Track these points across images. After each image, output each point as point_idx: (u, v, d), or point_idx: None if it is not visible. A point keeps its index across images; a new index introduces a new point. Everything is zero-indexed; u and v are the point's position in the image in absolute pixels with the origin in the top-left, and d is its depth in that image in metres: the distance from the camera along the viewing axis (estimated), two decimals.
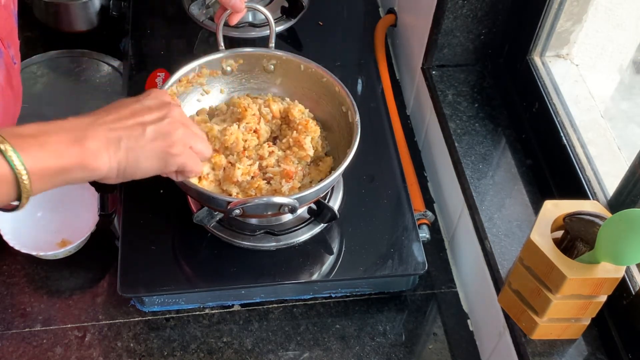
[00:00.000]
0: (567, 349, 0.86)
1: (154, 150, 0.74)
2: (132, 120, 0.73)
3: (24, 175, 0.62)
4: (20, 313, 1.02)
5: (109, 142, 0.70)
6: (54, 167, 0.66)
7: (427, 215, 1.09)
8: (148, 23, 1.35)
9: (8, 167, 0.61)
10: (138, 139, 0.72)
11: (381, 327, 1.03)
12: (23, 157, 0.62)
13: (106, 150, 0.70)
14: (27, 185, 0.63)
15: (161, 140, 0.74)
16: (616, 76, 1.23)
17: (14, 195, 0.64)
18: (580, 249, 0.81)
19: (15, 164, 0.61)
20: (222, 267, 1.00)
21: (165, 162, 0.76)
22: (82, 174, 0.69)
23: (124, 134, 0.72)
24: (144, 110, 0.75)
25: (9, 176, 0.62)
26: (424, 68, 1.20)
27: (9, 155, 0.61)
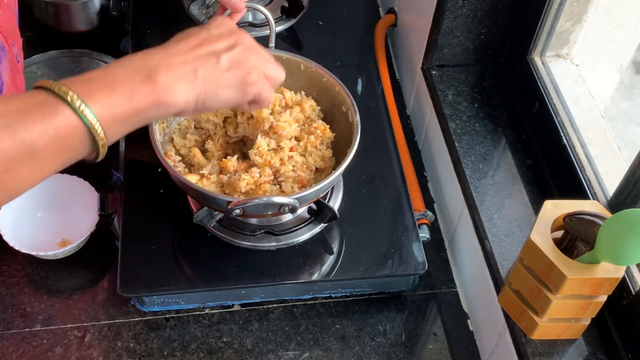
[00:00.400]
0: (567, 349, 0.86)
1: (231, 80, 0.70)
2: (204, 49, 0.69)
3: (96, 125, 0.59)
4: (20, 313, 1.02)
5: (184, 75, 0.66)
6: (126, 111, 0.61)
7: (427, 215, 1.09)
8: (148, 23, 1.35)
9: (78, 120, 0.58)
10: (214, 69, 0.69)
11: (381, 327, 1.03)
12: (92, 106, 0.58)
13: (182, 84, 0.66)
14: (100, 135, 0.59)
15: (237, 69, 0.71)
16: (616, 76, 1.23)
17: (90, 147, 0.60)
18: (580, 249, 0.81)
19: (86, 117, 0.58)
20: (222, 267, 1.00)
21: (244, 91, 0.73)
22: (157, 112, 0.65)
23: (199, 64, 0.67)
24: (213, 39, 0.71)
25: (81, 129, 0.58)
26: (424, 68, 1.20)
27: (77, 106, 0.57)
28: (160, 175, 1.05)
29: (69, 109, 0.57)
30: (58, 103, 0.57)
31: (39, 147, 0.56)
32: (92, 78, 0.61)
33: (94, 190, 1.09)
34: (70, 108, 0.58)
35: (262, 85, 0.75)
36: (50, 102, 0.57)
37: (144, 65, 0.64)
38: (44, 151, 0.57)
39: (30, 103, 0.57)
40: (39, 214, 1.10)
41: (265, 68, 0.76)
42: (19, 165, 0.55)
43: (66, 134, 0.58)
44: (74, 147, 0.59)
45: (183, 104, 0.66)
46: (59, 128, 0.57)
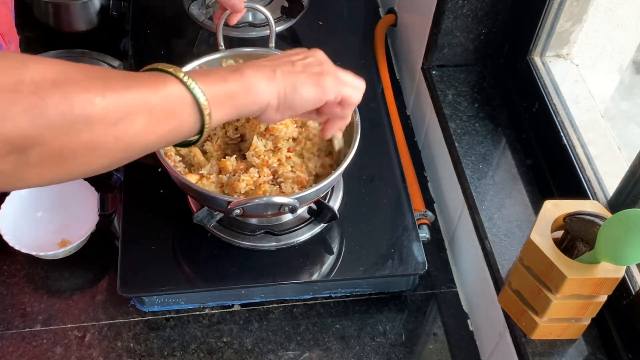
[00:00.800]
0: (567, 349, 0.86)
1: (308, 77, 0.75)
2: (279, 60, 0.76)
3: (202, 98, 0.65)
4: (20, 313, 1.02)
5: (263, 73, 0.72)
6: (223, 92, 0.68)
7: (427, 215, 1.09)
8: (148, 23, 1.35)
9: (187, 91, 0.64)
10: (290, 69, 0.75)
11: (381, 327, 1.03)
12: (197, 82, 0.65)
13: (263, 77, 0.72)
14: (205, 105, 0.65)
15: (311, 71, 0.76)
16: (616, 76, 1.23)
17: (197, 121, 0.66)
18: (580, 249, 0.81)
19: (193, 88, 0.64)
20: (222, 267, 1.00)
21: (322, 87, 0.76)
22: (248, 99, 0.71)
23: (277, 66, 0.74)
24: (289, 54, 0.78)
25: (189, 99, 0.64)
26: (424, 68, 1.20)
27: (187, 82, 0.64)
28: (160, 175, 1.05)
29: (177, 81, 0.64)
30: (166, 76, 0.64)
31: (153, 102, 0.61)
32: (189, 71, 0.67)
33: (94, 190, 1.09)
34: (178, 80, 0.64)
35: (341, 86, 0.79)
36: (161, 75, 0.64)
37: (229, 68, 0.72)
38: (157, 109, 0.62)
39: (141, 75, 0.64)
40: (39, 214, 1.10)
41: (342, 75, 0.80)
42: (135, 114, 0.60)
43: (176, 100, 0.64)
44: (183, 113, 0.64)
45: (268, 95, 0.72)
46: (170, 93, 0.63)
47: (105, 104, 0.57)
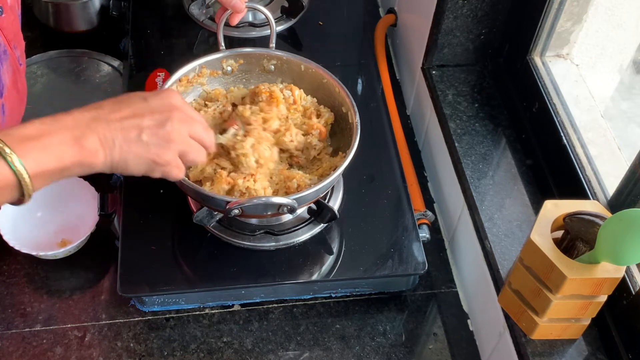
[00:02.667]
0: (567, 349, 0.86)
1: (141, 157, 0.76)
2: (131, 122, 0.75)
3: (26, 178, 0.66)
4: (20, 313, 1.02)
5: (105, 141, 0.72)
6: (54, 168, 0.69)
7: (427, 215, 1.09)
8: (148, 23, 1.35)
9: (11, 172, 0.65)
10: (130, 143, 0.74)
11: (381, 327, 1.03)
12: (25, 162, 0.66)
13: (102, 149, 0.73)
14: (28, 186, 0.67)
15: (151, 149, 0.76)
16: (616, 76, 1.22)
17: (17, 195, 0.68)
18: (580, 249, 0.81)
19: (17, 169, 0.65)
20: (222, 267, 1.00)
21: (152, 168, 0.78)
22: (79, 170, 0.72)
23: (120, 135, 0.74)
24: (146, 112, 0.76)
25: (12, 180, 0.66)
26: (424, 68, 1.20)
27: (12, 161, 0.65)
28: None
29: (3, 162, 0.65)
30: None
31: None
32: (28, 135, 0.68)
33: (94, 190, 1.09)
34: (5, 162, 0.65)
35: (169, 168, 0.79)
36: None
37: (76, 127, 0.71)
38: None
39: None
40: (39, 214, 1.10)
41: (185, 151, 0.80)
42: None
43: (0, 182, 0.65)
44: (5, 193, 0.67)
45: (100, 166, 0.74)
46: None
47: None
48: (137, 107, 0.76)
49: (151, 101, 0.78)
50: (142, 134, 0.75)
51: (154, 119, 0.76)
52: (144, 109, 0.77)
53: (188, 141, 0.80)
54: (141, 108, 0.76)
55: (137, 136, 0.74)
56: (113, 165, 0.74)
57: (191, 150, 0.80)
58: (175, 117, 0.77)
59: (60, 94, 1.30)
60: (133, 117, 0.75)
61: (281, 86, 1.05)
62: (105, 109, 0.75)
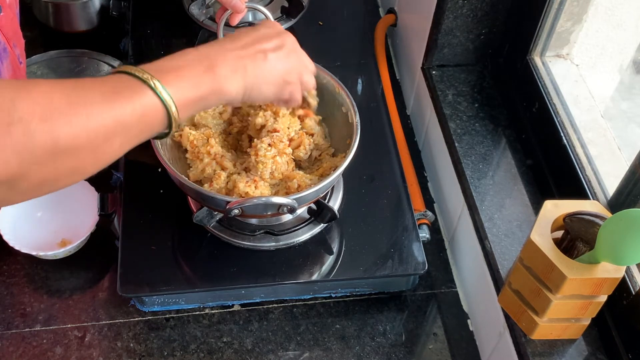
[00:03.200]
0: (567, 349, 0.86)
1: (274, 77, 0.80)
2: (254, 48, 0.78)
3: (172, 107, 0.67)
4: (20, 313, 1.02)
5: (237, 69, 0.75)
6: (194, 97, 0.71)
7: (427, 215, 1.09)
8: (148, 23, 1.35)
9: (159, 101, 0.67)
10: (261, 66, 0.78)
11: (381, 327, 1.03)
12: (170, 91, 0.67)
13: (235, 76, 0.75)
14: (175, 115, 0.68)
15: (280, 68, 0.80)
16: (616, 76, 1.22)
17: (166, 125, 0.69)
18: (580, 249, 0.81)
19: (165, 98, 0.67)
20: (222, 267, 1.00)
21: (282, 88, 0.82)
22: (216, 98, 0.74)
23: (249, 61, 0.77)
24: (263, 38, 0.80)
25: (161, 109, 0.67)
26: (424, 68, 1.20)
27: (159, 91, 0.66)
28: (160, 175, 1.05)
29: (152, 93, 0.66)
30: (143, 87, 0.66)
31: (130, 123, 0.64)
32: (164, 67, 0.69)
33: (94, 190, 1.09)
34: (153, 92, 0.66)
35: (296, 86, 0.85)
36: (137, 85, 0.66)
37: (206, 58, 0.74)
38: (133, 128, 0.65)
39: (119, 85, 0.66)
40: (39, 214, 1.10)
41: (302, 72, 0.85)
42: (113, 137, 0.63)
43: (150, 113, 0.66)
44: (155, 124, 0.68)
45: (234, 93, 0.76)
46: (145, 107, 0.65)
47: (87, 134, 0.60)
48: (253, 35, 0.80)
49: (262, 29, 0.82)
50: (267, 56, 0.79)
51: (273, 42, 0.80)
52: (260, 35, 0.81)
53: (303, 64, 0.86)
54: (257, 35, 0.81)
55: (264, 59, 0.78)
56: (246, 90, 0.77)
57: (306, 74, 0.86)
58: (288, 42, 0.83)
59: None
60: (255, 43, 0.79)
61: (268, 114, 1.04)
62: (227, 42, 0.78)
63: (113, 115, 0.63)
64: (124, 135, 0.65)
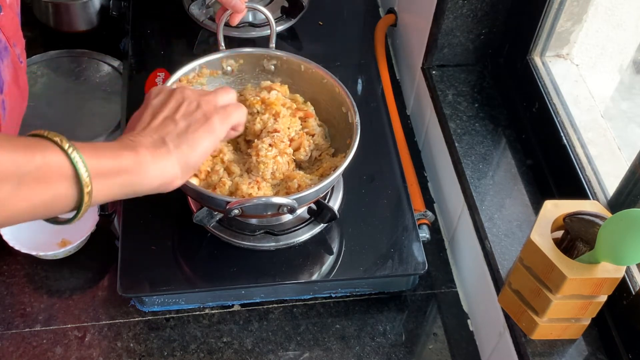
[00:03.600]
0: (567, 349, 0.86)
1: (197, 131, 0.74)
2: (158, 120, 0.74)
3: (83, 171, 0.61)
4: (20, 313, 1.02)
5: (156, 146, 0.70)
6: (111, 167, 0.64)
7: (427, 215, 1.09)
8: (148, 23, 1.35)
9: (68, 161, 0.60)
10: (176, 132, 0.73)
11: (381, 327, 1.03)
12: (83, 155, 0.61)
13: (158, 154, 0.70)
14: (87, 181, 0.61)
15: (193, 117, 0.75)
16: (616, 76, 1.23)
17: (74, 196, 0.62)
18: (580, 249, 0.81)
19: (74, 159, 0.60)
20: (222, 267, 1.00)
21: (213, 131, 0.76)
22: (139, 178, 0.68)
23: (162, 132, 0.72)
24: (159, 107, 0.76)
25: (68, 170, 0.60)
26: (424, 68, 1.20)
27: (69, 151, 0.60)
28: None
29: (59, 150, 0.60)
30: (48, 143, 0.60)
31: (25, 169, 0.58)
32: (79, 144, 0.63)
33: None
34: (60, 149, 0.60)
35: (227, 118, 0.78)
36: (42, 142, 0.60)
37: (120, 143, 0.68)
38: (29, 176, 0.58)
39: (20, 139, 0.60)
40: None
41: (216, 102, 0.79)
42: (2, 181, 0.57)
43: (53, 169, 0.60)
44: (58, 185, 0.60)
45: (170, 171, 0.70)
46: (48, 161, 0.59)
47: None
48: (148, 112, 0.76)
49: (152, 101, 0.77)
50: (175, 119, 0.74)
51: (171, 105, 0.76)
52: (154, 107, 0.76)
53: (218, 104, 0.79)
54: (152, 108, 0.76)
55: (174, 124, 0.73)
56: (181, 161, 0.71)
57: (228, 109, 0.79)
58: (184, 94, 0.77)
59: (60, 94, 1.30)
60: (155, 117, 0.74)
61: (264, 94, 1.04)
62: (129, 131, 0.73)
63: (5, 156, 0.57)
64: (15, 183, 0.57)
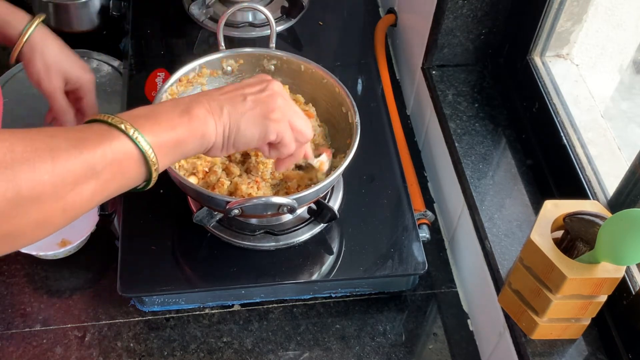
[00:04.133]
0: (567, 349, 0.86)
1: (253, 116, 0.75)
2: (233, 93, 0.76)
3: (149, 152, 0.64)
4: (20, 313, 1.02)
5: (212, 109, 0.72)
6: (171, 140, 0.68)
7: (427, 215, 1.09)
8: (148, 23, 1.35)
9: (133, 145, 0.63)
10: (238, 106, 0.75)
11: (381, 327, 1.03)
12: (144, 134, 0.64)
13: (211, 116, 0.72)
14: (153, 159, 0.65)
15: (261, 107, 0.76)
16: (616, 76, 1.23)
17: (144, 172, 0.66)
18: (580, 249, 0.81)
19: (139, 141, 0.63)
20: (222, 267, 1.00)
21: (265, 128, 0.76)
22: (196, 142, 0.71)
23: (225, 102, 0.74)
24: (244, 85, 0.78)
25: (134, 153, 0.64)
26: (424, 68, 1.20)
27: (134, 136, 0.63)
28: (160, 175, 1.04)
29: (124, 136, 0.63)
30: (113, 131, 0.63)
31: (99, 168, 0.61)
32: (137, 113, 0.67)
33: None
34: (125, 135, 0.63)
35: (285, 129, 0.78)
36: (107, 130, 0.63)
37: (181, 104, 0.71)
38: (104, 173, 0.61)
39: (87, 131, 0.63)
40: None
41: (291, 115, 0.79)
42: (83, 183, 0.60)
43: (123, 158, 0.63)
44: (130, 170, 0.65)
45: (214, 136, 0.73)
46: (117, 152, 0.62)
47: (53, 180, 0.57)
48: (234, 84, 0.78)
49: (245, 80, 0.80)
50: (247, 98, 0.76)
51: (254, 88, 0.78)
52: (242, 84, 0.79)
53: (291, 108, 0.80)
54: (239, 84, 0.79)
55: (242, 100, 0.75)
56: (225, 133, 0.73)
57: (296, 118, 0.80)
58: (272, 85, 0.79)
59: None
60: (234, 90, 0.77)
61: None
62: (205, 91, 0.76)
63: (80, 160, 0.59)
64: (93, 183, 0.61)
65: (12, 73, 1.29)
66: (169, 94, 1.01)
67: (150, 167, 0.65)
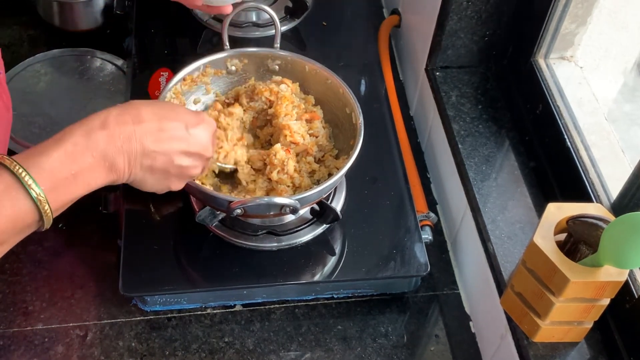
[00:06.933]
0: (570, 352, 0.86)
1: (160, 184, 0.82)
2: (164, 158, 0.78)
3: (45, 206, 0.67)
4: (22, 312, 1.02)
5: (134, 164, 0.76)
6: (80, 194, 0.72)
7: (429, 217, 1.09)
8: (152, 22, 1.35)
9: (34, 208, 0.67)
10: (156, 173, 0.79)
11: (383, 329, 1.03)
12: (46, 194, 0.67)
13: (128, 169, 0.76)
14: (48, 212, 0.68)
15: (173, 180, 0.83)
16: (620, 78, 1.23)
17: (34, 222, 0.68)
18: (583, 252, 0.80)
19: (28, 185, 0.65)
20: (224, 267, 1.00)
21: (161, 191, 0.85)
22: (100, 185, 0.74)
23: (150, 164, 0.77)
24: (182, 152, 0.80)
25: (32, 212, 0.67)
26: (428, 69, 1.19)
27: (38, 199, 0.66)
28: None
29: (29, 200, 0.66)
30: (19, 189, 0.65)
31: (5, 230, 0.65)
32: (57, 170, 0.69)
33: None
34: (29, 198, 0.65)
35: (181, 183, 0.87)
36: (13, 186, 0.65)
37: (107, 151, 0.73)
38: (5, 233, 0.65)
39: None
40: None
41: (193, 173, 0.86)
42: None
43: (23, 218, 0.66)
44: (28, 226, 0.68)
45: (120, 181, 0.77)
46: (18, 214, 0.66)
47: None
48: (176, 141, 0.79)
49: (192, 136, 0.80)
50: (170, 170, 0.80)
51: (186, 162, 0.81)
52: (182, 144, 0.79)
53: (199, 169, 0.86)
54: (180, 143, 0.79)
55: (164, 171, 0.79)
56: (130, 181, 0.78)
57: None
58: (202, 164, 0.84)
59: (63, 92, 1.30)
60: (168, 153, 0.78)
61: (273, 86, 1.04)
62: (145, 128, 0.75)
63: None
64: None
65: (16, 71, 1.30)
66: (173, 93, 1.01)
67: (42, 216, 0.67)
